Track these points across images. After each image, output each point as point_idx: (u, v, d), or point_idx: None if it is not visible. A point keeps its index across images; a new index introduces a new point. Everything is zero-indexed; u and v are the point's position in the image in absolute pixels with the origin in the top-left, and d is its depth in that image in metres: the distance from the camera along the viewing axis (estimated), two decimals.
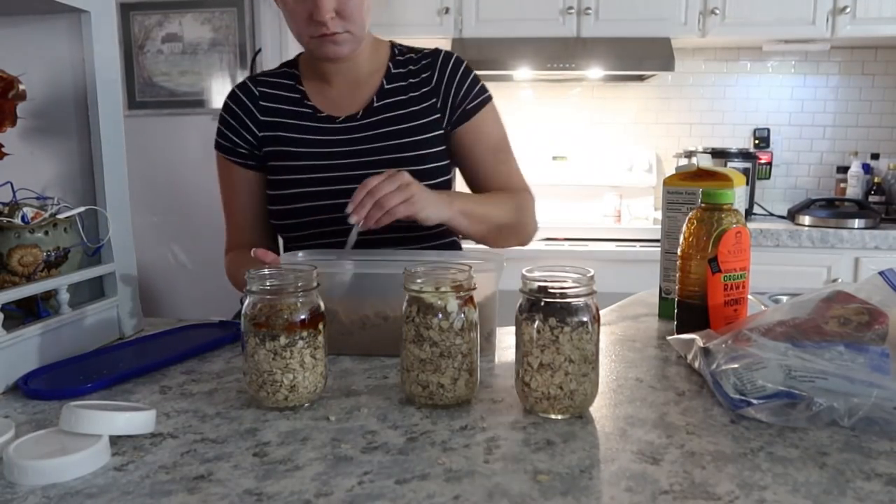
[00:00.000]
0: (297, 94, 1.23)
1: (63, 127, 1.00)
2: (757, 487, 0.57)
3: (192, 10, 2.96)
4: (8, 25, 0.98)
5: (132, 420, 0.66)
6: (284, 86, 1.24)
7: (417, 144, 1.20)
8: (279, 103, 1.23)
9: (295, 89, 1.24)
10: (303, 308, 0.74)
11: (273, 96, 1.23)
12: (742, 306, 0.93)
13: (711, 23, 2.78)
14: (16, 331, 0.83)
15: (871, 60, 3.09)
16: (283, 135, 1.21)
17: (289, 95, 1.23)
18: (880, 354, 0.70)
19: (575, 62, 2.79)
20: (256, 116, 1.22)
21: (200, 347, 0.95)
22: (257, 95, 1.24)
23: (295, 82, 1.24)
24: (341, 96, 1.23)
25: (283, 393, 0.73)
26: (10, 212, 0.92)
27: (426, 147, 1.21)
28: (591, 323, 0.70)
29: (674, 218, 1.08)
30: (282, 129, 1.22)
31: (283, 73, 1.27)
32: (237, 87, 1.26)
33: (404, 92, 1.22)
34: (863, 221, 2.66)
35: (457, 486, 0.57)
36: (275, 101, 1.23)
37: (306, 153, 1.20)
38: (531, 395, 0.72)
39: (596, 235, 2.75)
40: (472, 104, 1.24)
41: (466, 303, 0.74)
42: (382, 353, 0.92)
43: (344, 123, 1.21)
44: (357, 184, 1.09)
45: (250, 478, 0.59)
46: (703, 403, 0.75)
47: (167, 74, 3.00)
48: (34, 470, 0.58)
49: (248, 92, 1.25)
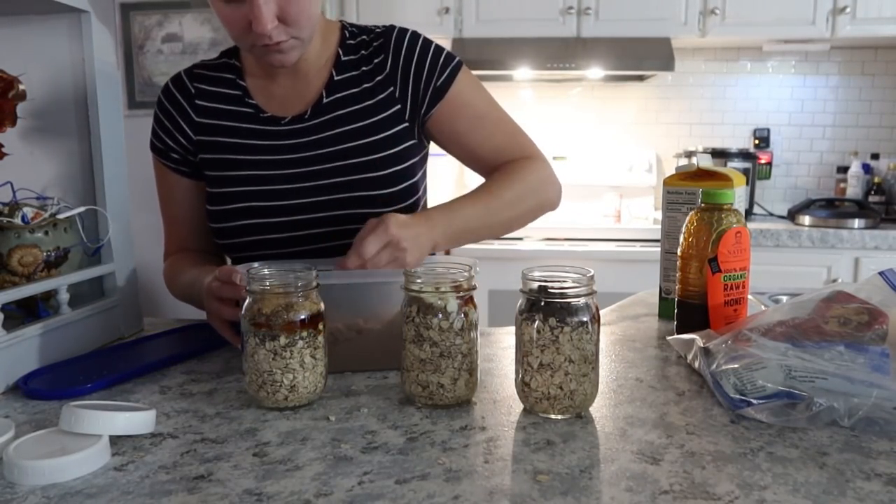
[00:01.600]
0: (237, 91, 1.08)
1: (63, 127, 1.00)
2: (757, 487, 0.57)
3: (192, 10, 2.96)
4: (8, 25, 0.98)
5: (132, 420, 0.66)
6: (224, 81, 1.09)
7: (373, 147, 1.05)
8: (217, 102, 1.08)
9: (235, 85, 1.08)
10: (303, 308, 0.74)
11: (210, 94, 1.08)
12: (742, 306, 0.93)
13: (711, 23, 2.78)
14: (16, 331, 0.83)
15: (871, 60, 3.09)
16: (220, 140, 1.07)
17: (228, 93, 1.08)
18: (880, 354, 0.70)
19: (575, 62, 2.79)
20: (191, 117, 1.08)
21: (200, 347, 0.95)
22: (193, 93, 1.08)
23: (235, 76, 1.08)
24: (287, 93, 1.07)
25: (283, 393, 0.73)
26: (10, 212, 0.92)
27: (383, 149, 1.06)
28: (591, 323, 0.70)
29: (674, 218, 1.08)
30: (220, 132, 1.07)
31: (223, 64, 1.10)
32: (171, 82, 1.11)
33: (357, 83, 1.07)
34: (863, 221, 2.66)
35: (457, 486, 0.57)
36: (212, 99, 1.08)
37: (247, 161, 1.05)
38: (531, 395, 0.72)
39: (596, 235, 2.75)
40: (442, 79, 1.07)
41: (466, 303, 0.74)
42: (358, 369, 0.86)
43: (289, 125, 1.06)
44: (305, 198, 1.03)
45: (250, 478, 0.59)
46: (703, 403, 0.75)
47: (167, 74, 3.00)
48: (34, 470, 0.58)
49: (183, 88, 1.09)
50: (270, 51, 0.95)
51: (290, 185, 1.05)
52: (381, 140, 1.06)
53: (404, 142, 1.08)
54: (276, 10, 0.91)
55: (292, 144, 1.06)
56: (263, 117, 1.07)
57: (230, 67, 1.10)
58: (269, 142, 1.06)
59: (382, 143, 1.06)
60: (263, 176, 1.05)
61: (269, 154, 1.06)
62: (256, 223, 1.06)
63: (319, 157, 1.05)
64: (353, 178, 1.05)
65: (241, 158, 1.06)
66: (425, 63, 1.07)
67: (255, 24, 0.90)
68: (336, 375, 0.85)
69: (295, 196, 1.05)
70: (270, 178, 1.05)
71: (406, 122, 1.08)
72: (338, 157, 1.05)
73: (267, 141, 1.06)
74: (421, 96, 1.08)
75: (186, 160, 1.11)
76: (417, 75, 1.07)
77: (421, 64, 1.07)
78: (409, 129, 1.09)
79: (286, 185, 1.05)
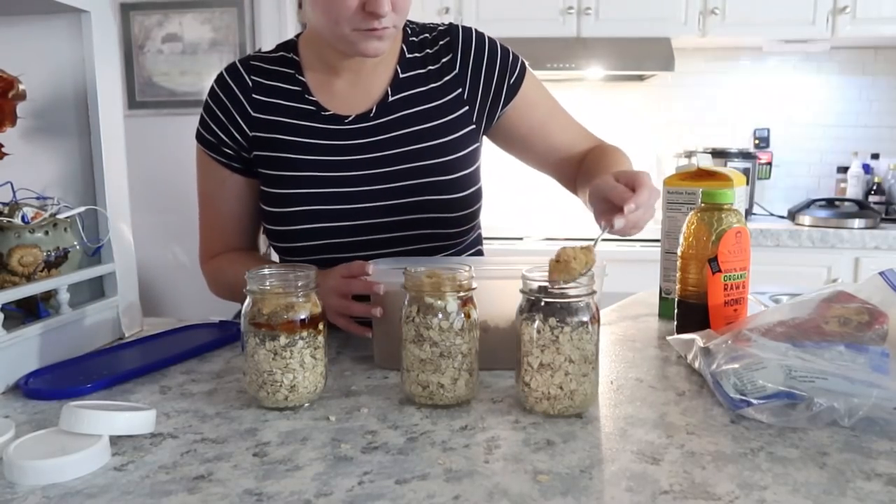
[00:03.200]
0: (296, 87, 1.04)
1: (63, 127, 1.00)
2: (757, 487, 0.57)
3: (192, 10, 2.96)
4: (8, 25, 0.98)
5: (132, 420, 0.66)
6: (282, 75, 1.05)
7: (443, 149, 1.03)
8: (275, 97, 1.04)
9: (294, 80, 1.04)
10: (303, 308, 0.74)
11: (268, 88, 1.04)
12: (742, 306, 0.93)
13: (711, 23, 2.78)
14: (16, 331, 0.83)
15: (871, 60, 3.09)
16: (278, 137, 1.02)
17: (287, 88, 1.04)
18: (880, 354, 0.70)
19: (575, 62, 2.79)
20: (248, 112, 1.03)
21: (200, 347, 0.95)
22: (250, 86, 1.04)
23: (294, 71, 1.05)
24: (350, 90, 1.04)
25: (283, 393, 0.73)
26: (10, 212, 0.92)
27: (454, 151, 1.04)
28: (591, 323, 0.70)
29: (674, 218, 1.08)
30: (278, 129, 1.03)
31: (280, 58, 1.06)
32: (227, 72, 1.06)
33: (423, 82, 1.05)
34: (863, 221, 2.66)
35: (457, 486, 0.57)
36: (270, 94, 1.04)
37: (308, 161, 1.02)
38: (531, 395, 0.72)
39: (596, 235, 2.75)
40: (514, 77, 1.07)
41: (466, 303, 0.74)
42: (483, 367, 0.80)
43: (354, 124, 1.03)
44: (372, 201, 1.00)
45: (250, 478, 0.59)
46: (703, 403, 0.75)
47: (167, 74, 3.00)
48: (34, 470, 0.58)
49: (239, 80, 1.05)
50: (371, 36, 0.93)
51: (355, 187, 1.02)
52: (452, 142, 1.04)
53: (471, 144, 1.07)
54: None
55: (357, 145, 1.02)
56: (325, 115, 1.03)
57: (288, 61, 1.06)
58: (332, 141, 1.02)
59: (453, 145, 1.04)
60: (326, 178, 1.02)
61: (333, 154, 1.02)
62: (319, 227, 1.02)
63: (388, 159, 1.02)
64: (426, 182, 1.02)
65: (301, 158, 1.02)
66: (496, 62, 1.07)
67: (373, 5, 0.89)
68: (336, 375, 0.85)
69: (361, 199, 1.02)
70: (334, 180, 1.02)
71: (473, 124, 1.07)
72: (408, 158, 1.02)
73: (329, 140, 1.02)
74: (493, 96, 1.07)
75: (240, 156, 1.06)
76: (489, 75, 1.06)
77: (492, 64, 1.06)
78: (475, 132, 1.08)
79: (351, 188, 1.02)
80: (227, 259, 1.10)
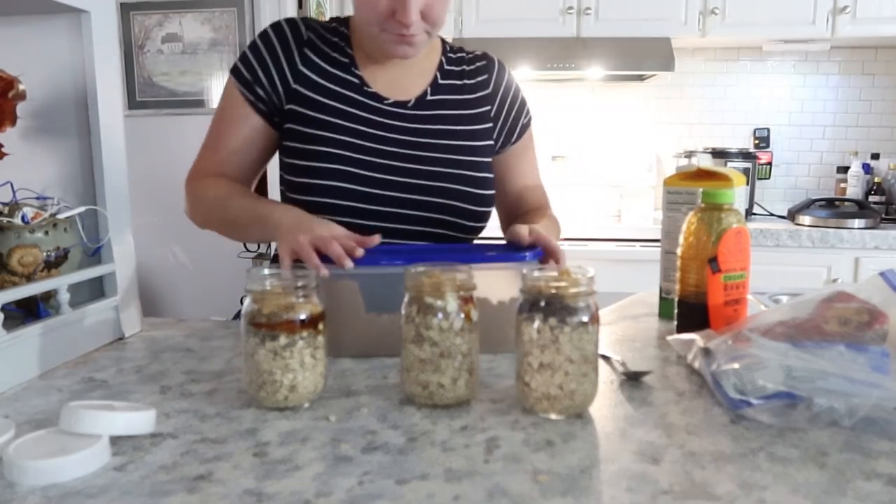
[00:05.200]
0: (345, 59, 1.08)
1: (63, 127, 1.00)
2: (757, 487, 0.57)
3: (192, 10, 2.97)
4: (8, 25, 0.98)
5: (132, 420, 0.66)
6: (334, 44, 1.09)
7: (472, 150, 1.12)
8: (324, 61, 1.07)
9: (344, 52, 1.08)
10: (303, 308, 0.74)
11: (320, 51, 1.07)
12: (742, 306, 0.93)
13: (711, 23, 2.78)
14: (16, 331, 0.83)
15: (871, 60, 3.09)
16: (317, 98, 1.06)
17: (336, 57, 1.08)
18: (880, 354, 0.70)
19: (575, 62, 2.79)
20: (295, 63, 1.06)
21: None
22: (305, 40, 1.07)
23: (345, 44, 1.09)
24: (392, 79, 1.10)
25: (283, 393, 0.73)
26: (10, 212, 0.92)
27: (479, 154, 1.12)
28: (591, 323, 0.70)
29: (674, 218, 1.08)
30: (319, 91, 1.06)
31: (335, 29, 1.10)
32: (286, 21, 1.09)
33: (458, 91, 1.13)
34: (863, 221, 2.66)
35: (457, 486, 0.57)
36: (320, 56, 1.07)
37: (342, 126, 1.05)
38: (531, 395, 0.72)
39: (596, 235, 2.75)
40: (527, 119, 1.20)
41: (466, 303, 0.74)
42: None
43: (392, 107, 1.08)
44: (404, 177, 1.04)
45: (250, 478, 0.59)
46: (703, 403, 0.75)
47: (167, 74, 3.00)
48: (34, 470, 0.58)
49: (297, 32, 1.07)
50: (401, 41, 1.00)
51: (385, 160, 1.06)
52: (478, 147, 1.13)
53: (489, 156, 1.15)
54: (422, 5, 0.97)
55: (394, 125, 1.07)
56: (368, 91, 1.08)
57: (341, 35, 1.10)
58: (370, 115, 1.07)
59: (479, 151, 1.13)
60: (359, 145, 1.05)
61: (368, 127, 1.06)
62: (344, 187, 1.04)
63: (422, 145, 1.08)
64: (453, 174, 1.09)
65: (336, 122, 1.05)
66: (517, 100, 1.19)
67: (400, 14, 0.96)
68: (336, 375, 0.85)
69: (388, 173, 1.05)
70: (366, 149, 1.05)
71: (492, 140, 1.16)
72: (438, 149, 1.08)
73: (368, 114, 1.07)
74: (510, 127, 1.18)
75: (271, 101, 1.08)
76: (511, 106, 1.18)
77: (515, 98, 1.19)
78: (492, 148, 1.16)
79: (382, 160, 1.06)
80: (220, 182, 1.09)
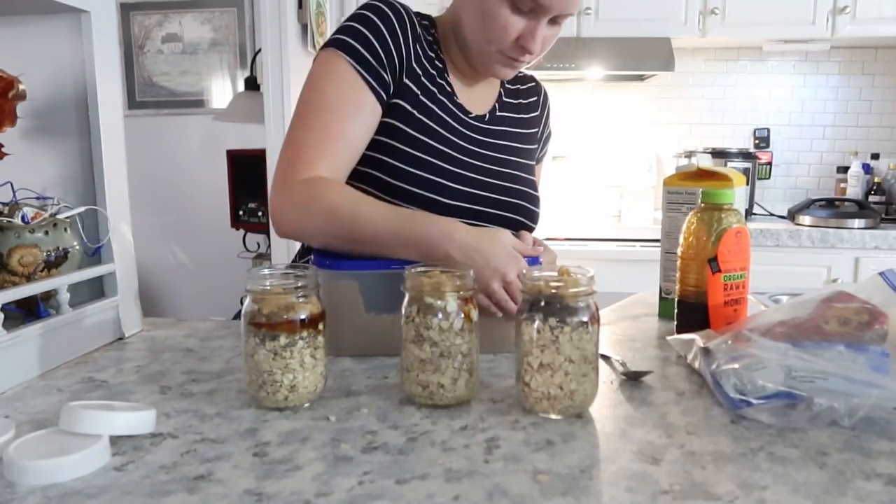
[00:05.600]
0: (440, 64, 1.07)
1: (63, 127, 1.00)
2: (757, 487, 0.57)
3: (192, 10, 2.97)
4: (8, 25, 0.98)
5: (132, 420, 0.66)
6: (432, 46, 1.06)
7: (528, 167, 1.16)
8: (427, 62, 1.05)
9: (439, 57, 1.07)
10: (303, 308, 0.74)
11: (425, 51, 1.04)
12: (742, 306, 0.93)
13: (711, 23, 2.78)
14: (16, 331, 0.83)
15: (871, 60, 3.09)
16: (421, 100, 1.02)
17: (435, 60, 1.06)
18: (880, 354, 0.70)
19: (575, 62, 2.79)
20: (411, 57, 1.01)
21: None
22: (417, 34, 1.02)
23: (439, 48, 1.07)
24: (471, 92, 1.11)
25: (283, 393, 0.73)
26: (10, 212, 0.92)
27: (533, 173, 1.18)
28: (591, 323, 0.70)
29: (674, 218, 1.08)
30: (423, 93, 1.03)
31: (427, 28, 1.07)
32: (403, 8, 1.02)
33: (516, 110, 1.18)
34: (863, 221, 2.66)
35: (457, 486, 0.57)
36: (425, 56, 1.04)
37: (438, 134, 1.03)
38: (531, 395, 0.72)
39: (596, 235, 2.76)
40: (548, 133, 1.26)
41: (466, 303, 0.74)
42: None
43: (475, 121, 1.09)
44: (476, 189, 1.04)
45: (250, 478, 0.59)
46: (703, 403, 0.75)
47: (167, 74, 3.00)
48: (34, 470, 0.58)
49: (412, 23, 1.02)
50: (511, 65, 1.04)
51: (466, 171, 1.04)
52: (531, 167, 1.18)
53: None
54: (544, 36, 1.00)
55: (474, 139, 1.09)
56: (456, 101, 1.08)
57: (434, 38, 1.07)
58: (457, 125, 1.07)
59: (532, 169, 1.18)
60: (448, 155, 1.03)
61: (454, 136, 1.05)
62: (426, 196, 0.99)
63: (494, 160, 1.09)
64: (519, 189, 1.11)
65: (432, 127, 1.02)
66: (549, 122, 1.27)
67: (528, 42, 0.98)
68: (336, 375, 0.85)
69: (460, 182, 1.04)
70: (453, 159, 1.04)
71: (535, 159, 1.21)
72: (506, 164, 1.11)
73: (457, 125, 1.07)
74: (540, 148, 1.24)
75: (389, 87, 0.99)
76: (545, 128, 1.25)
77: (548, 120, 1.26)
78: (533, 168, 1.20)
79: (463, 172, 1.04)
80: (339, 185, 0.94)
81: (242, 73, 2.95)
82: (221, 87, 3.01)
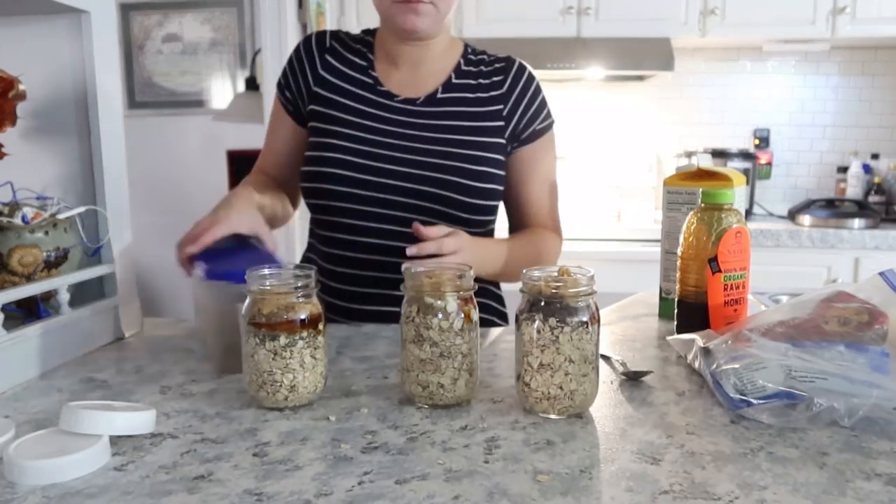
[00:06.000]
0: (364, 63, 1.18)
1: (63, 127, 1.00)
2: (757, 487, 0.57)
3: (191, 10, 2.97)
4: (8, 25, 0.98)
5: (132, 420, 0.66)
6: (357, 51, 1.20)
7: (474, 144, 1.14)
8: (344, 65, 1.18)
9: (365, 57, 1.19)
10: (303, 308, 0.74)
11: (342, 57, 1.19)
12: (742, 306, 0.93)
13: (711, 23, 2.78)
14: (16, 331, 0.83)
15: (871, 60, 3.09)
16: (334, 98, 1.16)
17: (357, 61, 1.19)
18: (880, 354, 0.70)
19: (575, 62, 2.79)
20: (317, 69, 1.19)
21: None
22: (327, 48, 1.20)
23: (367, 50, 1.20)
24: (406, 79, 1.17)
25: (283, 393, 0.73)
26: (10, 212, 0.92)
27: (483, 150, 1.14)
28: (591, 323, 0.70)
29: (674, 218, 1.08)
30: (336, 91, 1.17)
31: (361, 38, 1.22)
32: (315, 34, 1.22)
33: (471, 90, 1.17)
34: (863, 221, 2.66)
35: (457, 486, 0.57)
36: (341, 61, 1.19)
37: (353, 122, 1.14)
38: (531, 395, 0.72)
39: (596, 235, 2.75)
40: (542, 125, 1.20)
41: (466, 303, 0.74)
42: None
43: (402, 104, 1.15)
44: (404, 167, 1.10)
45: (250, 478, 0.59)
46: (703, 403, 0.75)
47: (167, 74, 3.00)
48: (34, 470, 0.58)
49: (321, 42, 1.21)
50: (408, 10, 1.06)
51: (386, 151, 1.12)
52: (483, 143, 1.14)
53: (498, 152, 1.16)
54: None
55: (402, 121, 1.14)
56: (380, 90, 1.16)
57: (366, 43, 1.21)
58: (379, 111, 1.15)
59: (483, 145, 1.14)
60: (365, 139, 1.13)
61: (376, 122, 1.14)
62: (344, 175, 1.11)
63: (425, 139, 1.13)
64: (451, 164, 1.12)
65: (348, 118, 1.14)
66: (535, 102, 1.19)
67: None
68: (336, 375, 0.85)
69: (392, 162, 1.12)
70: (372, 142, 1.12)
71: (504, 139, 1.17)
72: (441, 143, 1.12)
73: (377, 110, 1.15)
74: (521, 129, 1.18)
75: (297, 104, 1.21)
76: (526, 108, 1.18)
77: (532, 101, 1.18)
78: (503, 147, 1.17)
79: (383, 151, 1.12)
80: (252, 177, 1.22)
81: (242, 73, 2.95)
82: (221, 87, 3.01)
